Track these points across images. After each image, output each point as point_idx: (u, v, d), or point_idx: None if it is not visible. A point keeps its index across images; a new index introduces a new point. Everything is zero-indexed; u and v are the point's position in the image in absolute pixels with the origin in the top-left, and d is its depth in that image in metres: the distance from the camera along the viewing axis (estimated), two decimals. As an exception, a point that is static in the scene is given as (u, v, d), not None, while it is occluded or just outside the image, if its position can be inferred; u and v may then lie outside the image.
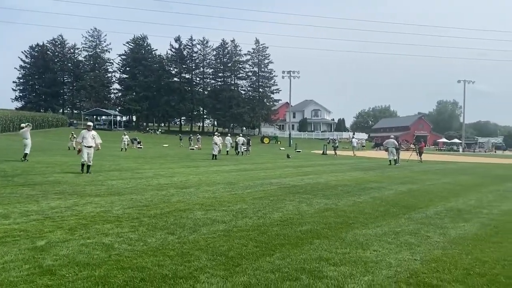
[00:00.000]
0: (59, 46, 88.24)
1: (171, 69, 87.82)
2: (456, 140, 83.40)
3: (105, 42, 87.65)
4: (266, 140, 71.59)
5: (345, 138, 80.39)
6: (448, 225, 6.97)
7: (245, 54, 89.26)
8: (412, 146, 42.77)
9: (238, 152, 34.09)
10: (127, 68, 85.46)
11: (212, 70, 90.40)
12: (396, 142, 26.91)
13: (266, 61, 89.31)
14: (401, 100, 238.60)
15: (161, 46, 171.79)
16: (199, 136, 49.40)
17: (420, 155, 30.83)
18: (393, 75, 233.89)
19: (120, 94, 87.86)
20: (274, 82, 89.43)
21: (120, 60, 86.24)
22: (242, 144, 34.62)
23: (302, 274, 4.29)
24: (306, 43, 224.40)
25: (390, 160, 25.02)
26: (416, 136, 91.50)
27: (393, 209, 8.50)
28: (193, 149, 43.94)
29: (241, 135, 37.93)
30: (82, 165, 13.92)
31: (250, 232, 6.06)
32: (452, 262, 4.84)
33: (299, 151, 46.69)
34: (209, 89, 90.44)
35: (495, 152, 71.76)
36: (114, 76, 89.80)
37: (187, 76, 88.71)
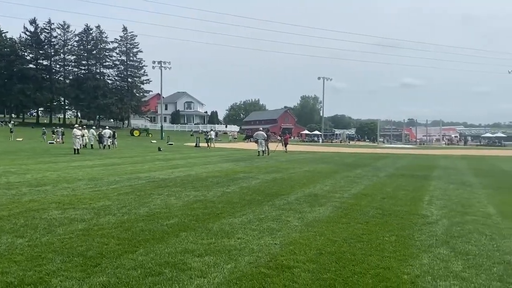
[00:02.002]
0: None
1: (26, 54, 78.26)
2: (317, 132, 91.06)
3: None
4: (136, 133, 68.83)
5: (218, 130, 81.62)
6: (306, 210, 7.55)
7: (112, 42, 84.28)
8: (278, 138, 45.42)
9: (104, 145, 32.15)
10: (-31, 51, 73.86)
11: (75, 57, 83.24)
12: (265, 134, 28.27)
13: (135, 50, 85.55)
14: (269, 95, 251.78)
15: (13, 29, 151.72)
16: (58, 129, 44.80)
17: (285, 146, 32.95)
18: (262, 70, 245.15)
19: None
20: (144, 72, 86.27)
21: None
22: (108, 137, 32.73)
23: (165, 268, 4.22)
24: (179, 34, 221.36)
25: (259, 151, 26.21)
26: (283, 128, 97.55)
27: (258, 197, 8.91)
28: (53, 143, 40.07)
29: (107, 127, 35.83)
30: None
31: (113, 230, 5.75)
32: (307, 243, 5.25)
33: (171, 144, 46.03)
34: (71, 77, 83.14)
35: (349, 142, 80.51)
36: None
37: (44, 62, 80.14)
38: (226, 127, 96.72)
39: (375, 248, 5.09)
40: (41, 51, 78.17)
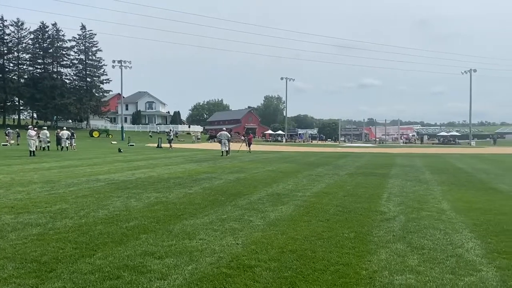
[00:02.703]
0: None
1: (-24, 52, 74.39)
2: (280, 132, 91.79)
3: None
4: (95, 134, 66.97)
5: (178, 130, 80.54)
6: (269, 209, 7.59)
7: (69, 40, 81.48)
8: (242, 138, 45.48)
9: (62, 147, 31.05)
10: None
11: (30, 55, 79.88)
12: (228, 134, 28.22)
13: (94, 48, 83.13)
14: (233, 95, 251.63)
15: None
16: (10, 131, 42.40)
17: (249, 146, 33.02)
18: (225, 70, 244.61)
19: None
20: (103, 71, 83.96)
21: None
22: (66, 138, 31.63)
23: (124, 271, 4.12)
24: (141, 33, 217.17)
25: (222, 152, 26.12)
26: (247, 128, 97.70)
27: (221, 197, 8.87)
28: (6, 144, 38.26)
29: (64, 128, 34.56)
30: None
31: (70, 234, 5.56)
32: (269, 242, 5.28)
33: (133, 145, 45.08)
34: (26, 77, 79.63)
35: (311, 142, 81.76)
36: None
37: (-3, 61, 76.44)
38: (189, 127, 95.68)
39: (335, 245, 5.18)
40: (-8, 49, 74.45)
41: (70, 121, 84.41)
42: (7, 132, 41.59)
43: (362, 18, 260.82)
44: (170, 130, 53.20)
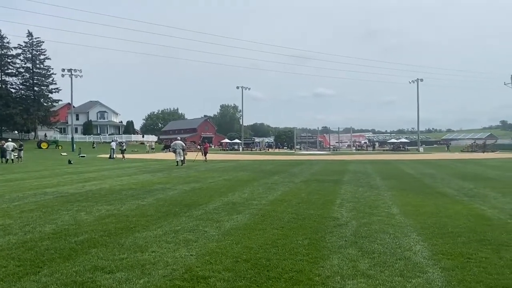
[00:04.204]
0: None
1: None
2: (237, 140, 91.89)
3: None
4: (44, 145, 63.90)
5: (122, 141, 78.58)
6: (224, 218, 7.56)
7: (15, 48, 77.68)
8: (198, 147, 45.09)
9: (7, 159, 29.43)
10: None
11: (-29, 63, 75.53)
12: (183, 143, 27.88)
13: (42, 56, 79.51)
14: (188, 103, 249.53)
15: None
16: None
17: (205, 155, 32.77)
18: (181, 79, 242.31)
19: None
20: (52, 80, 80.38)
21: None
22: (12, 150, 30.04)
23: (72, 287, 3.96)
24: (92, 41, 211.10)
25: (177, 161, 25.75)
26: (203, 137, 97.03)
27: (175, 208, 8.73)
28: None
29: (9, 139, 32.82)
30: None
31: (13, 251, 5.28)
32: (224, 252, 5.25)
33: (84, 156, 43.50)
34: (-34, 85, 75.18)
35: (268, 150, 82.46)
36: None
37: None
38: (143, 137, 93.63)
39: (289, 252, 5.24)
40: None
41: (16, 132, 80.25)
42: None
43: (314, 29, 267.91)
44: (112, 140, 52.16)
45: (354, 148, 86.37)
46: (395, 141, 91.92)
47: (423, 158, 38.38)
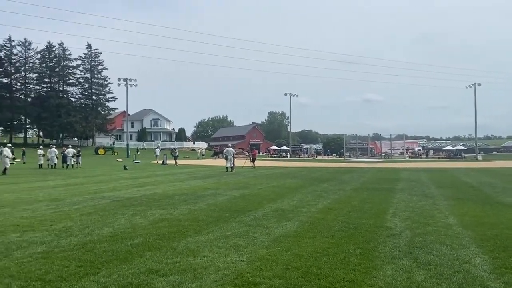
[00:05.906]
0: None
1: (-16, 72, 75.41)
2: (285, 147, 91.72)
3: None
4: (101, 151, 67.16)
5: (185, 147, 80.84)
6: (273, 225, 7.55)
7: (75, 59, 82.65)
8: (246, 153, 45.47)
9: (67, 165, 31.21)
10: None
11: (37, 75, 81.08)
12: (234, 150, 28.31)
13: (100, 67, 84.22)
14: (237, 111, 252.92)
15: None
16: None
17: (253, 162, 32.99)
18: (230, 87, 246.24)
19: None
20: (109, 89, 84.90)
21: None
22: (72, 156, 31.80)
23: (128, 289, 4.10)
24: (143, 51, 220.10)
25: (227, 167, 26.13)
26: (251, 144, 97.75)
27: (225, 214, 8.84)
28: (13, 163, 38.42)
29: (70, 146, 34.74)
30: None
31: (74, 252, 5.56)
32: (274, 259, 5.24)
33: (138, 162, 45.20)
34: (32, 95, 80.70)
35: (316, 157, 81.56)
36: None
37: (4, 81, 77.23)
38: (194, 143, 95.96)
39: (341, 262, 5.14)
40: (0, 69, 75.50)
41: (76, 139, 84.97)
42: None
43: (365, 34, 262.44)
44: (156, 147, 53.92)
45: (407, 155, 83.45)
46: (451, 148, 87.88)
47: (482, 166, 36.39)
